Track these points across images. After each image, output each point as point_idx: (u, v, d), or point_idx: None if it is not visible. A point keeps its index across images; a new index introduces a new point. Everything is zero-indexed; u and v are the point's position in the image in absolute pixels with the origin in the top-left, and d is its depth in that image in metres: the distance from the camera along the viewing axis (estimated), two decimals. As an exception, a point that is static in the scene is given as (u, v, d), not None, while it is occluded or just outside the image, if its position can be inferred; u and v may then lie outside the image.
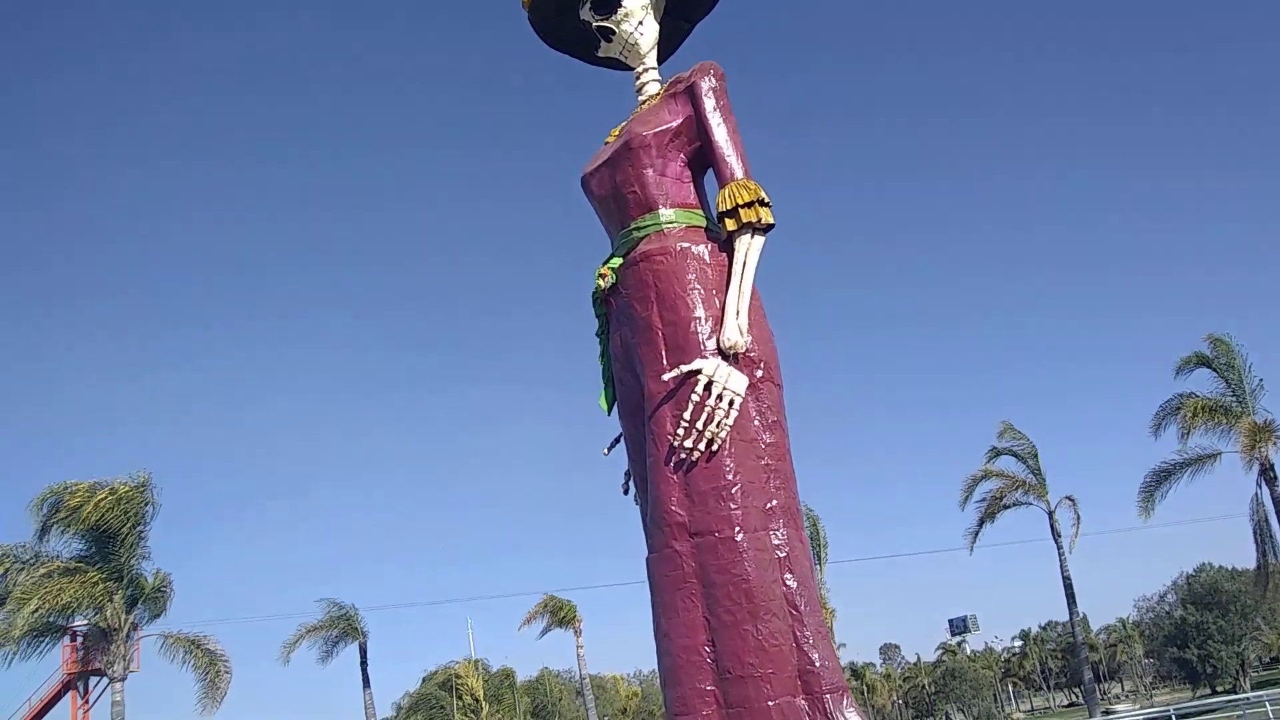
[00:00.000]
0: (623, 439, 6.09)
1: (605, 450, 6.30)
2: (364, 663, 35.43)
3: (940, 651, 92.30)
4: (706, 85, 5.77)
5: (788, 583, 5.23)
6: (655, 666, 5.55)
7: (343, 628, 34.89)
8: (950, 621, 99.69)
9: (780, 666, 5.05)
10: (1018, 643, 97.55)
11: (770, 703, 4.99)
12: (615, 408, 6.06)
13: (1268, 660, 72.93)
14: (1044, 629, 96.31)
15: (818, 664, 5.16)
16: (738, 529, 5.14)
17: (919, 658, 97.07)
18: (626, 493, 6.23)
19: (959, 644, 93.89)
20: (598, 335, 6.13)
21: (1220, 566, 70.02)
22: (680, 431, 5.22)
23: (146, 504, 25.53)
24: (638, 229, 5.76)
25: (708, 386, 5.22)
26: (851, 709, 5.13)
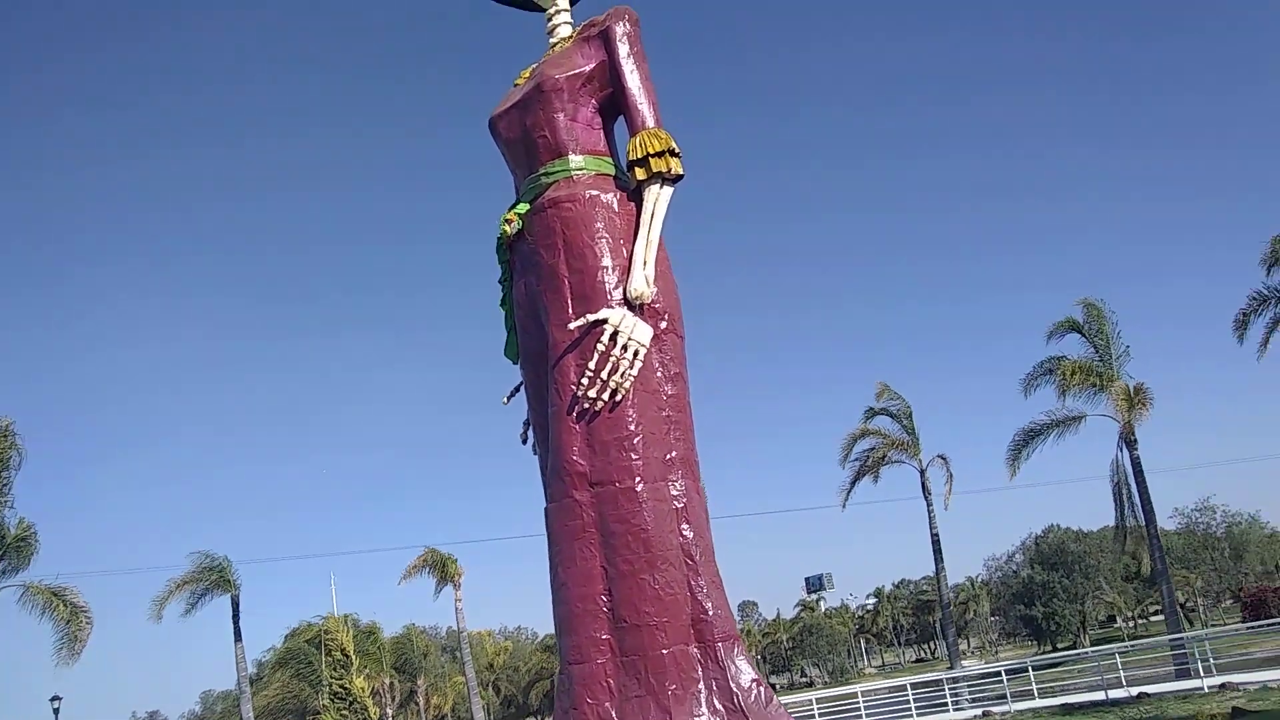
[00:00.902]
0: (523, 387, 6.01)
1: (505, 399, 6.20)
2: (236, 616, 34.51)
3: (799, 608, 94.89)
4: (620, 31, 5.68)
5: (684, 533, 5.27)
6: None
7: (214, 580, 33.86)
8: (806, 579, 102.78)
9: (675, 615, 5.11)
10: (872, 600, 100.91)
11: (664, 651, 5.05)
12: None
13: (1104, 619, 77.17)
14: (897, 587, 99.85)
15: (711, 613, 5.23)
16: (638, 479, 5.15)
17: (778, 614, 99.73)
18: (525, 442, 6.16)
19: (817, 600, 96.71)
20: (500, 282, 6.02)
21: (1067, 528, 73.74)
22: (584, 381, 5.18)
23: (10, 449, 24.23)
24: (546, 175, 5.65)
25: (613, 336, 5.18)
26: (742, 657, 5.23)
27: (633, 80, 5.63)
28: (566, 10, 6.21)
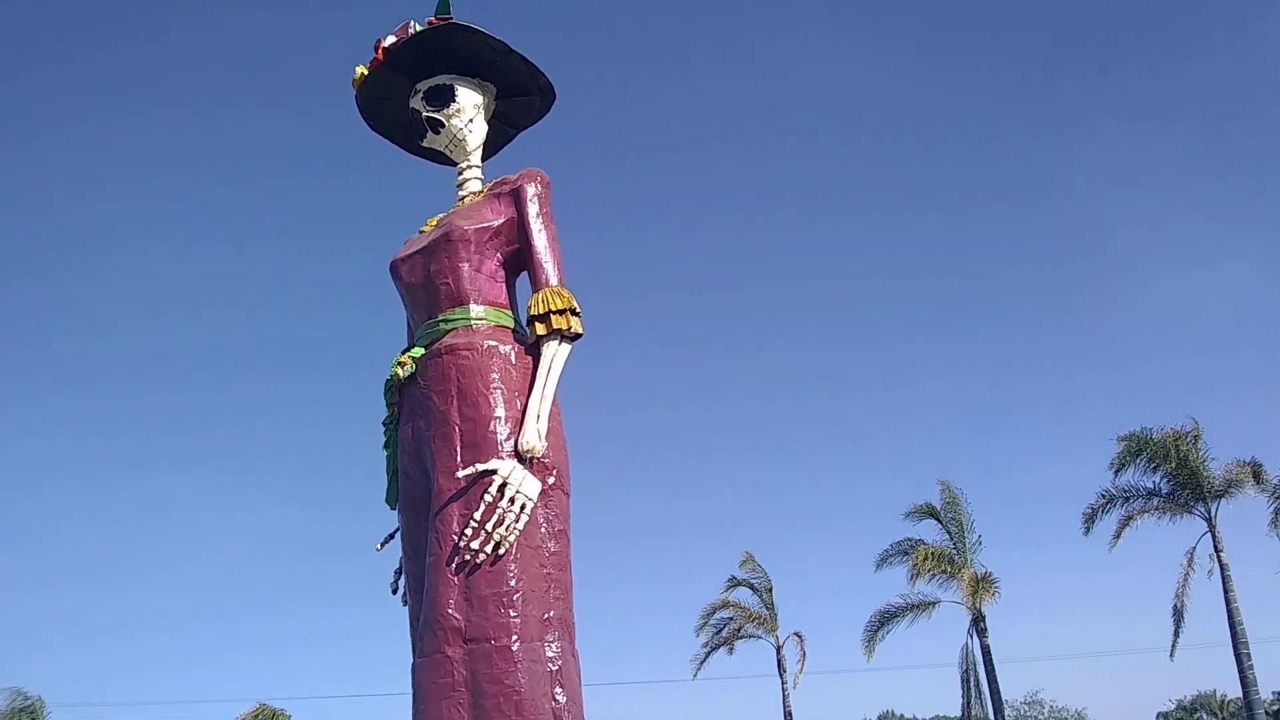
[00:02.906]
0: (400, 534, 5.87)
1: (379, 545, 6.04)
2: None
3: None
4: (532, 191, 5.86)
5: (557, 697, 5.12)
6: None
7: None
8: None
9: (543, 784, 4.91)
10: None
11: None
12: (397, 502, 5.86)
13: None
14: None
15: (578, 784, 5.06)
16: (515, 638, 5.02)
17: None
18: (395, 592, 5.97)
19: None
20: (385, 424, 5.95)
21: (902, 715, 74.03)
22: (468, 532, 5.09)
23: None
24: (445, 321, 5.68)
25: (501, 488, 5.14)
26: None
27: (540, 239, 5.78)
28: (478, 166, 6.35)
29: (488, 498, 5.09)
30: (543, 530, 5.36)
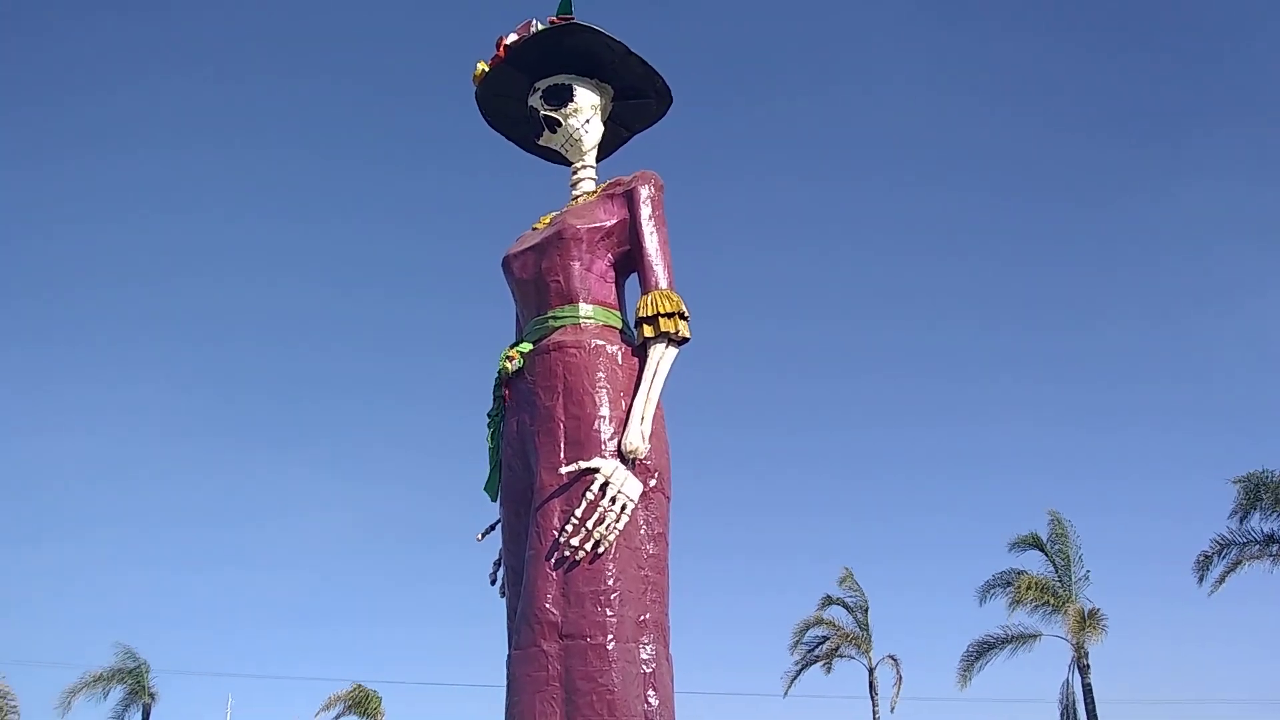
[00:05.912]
0: (500, 526, 5.92)
1: (479, 535, 6.11)
2: (147, 730, 32.62)
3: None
4: (645, 193, 5.86)
5: (650, 700, 5.10)
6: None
7: (131, 685, 32.12)
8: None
9: (631, 786, 4.89)
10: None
11: None
12: (499, 495, 5.92)
13: None
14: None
15: (668, 788, 5.02)
16: (610, 637, 5.02)
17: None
18: (494, 583, 6.05)
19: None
20: (490, 415, 6.01)
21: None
22: (569, 528, 5.11)
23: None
24: (554, 318, 5.73)
25: (603, 487, 5.15)
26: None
27: (651, 242, 5.78)
28: (592, 167, 6.39)
29: (589, 495, 5.11)
30: (642, 532, 5.35)
